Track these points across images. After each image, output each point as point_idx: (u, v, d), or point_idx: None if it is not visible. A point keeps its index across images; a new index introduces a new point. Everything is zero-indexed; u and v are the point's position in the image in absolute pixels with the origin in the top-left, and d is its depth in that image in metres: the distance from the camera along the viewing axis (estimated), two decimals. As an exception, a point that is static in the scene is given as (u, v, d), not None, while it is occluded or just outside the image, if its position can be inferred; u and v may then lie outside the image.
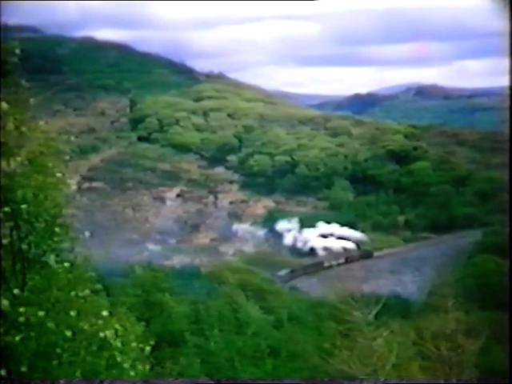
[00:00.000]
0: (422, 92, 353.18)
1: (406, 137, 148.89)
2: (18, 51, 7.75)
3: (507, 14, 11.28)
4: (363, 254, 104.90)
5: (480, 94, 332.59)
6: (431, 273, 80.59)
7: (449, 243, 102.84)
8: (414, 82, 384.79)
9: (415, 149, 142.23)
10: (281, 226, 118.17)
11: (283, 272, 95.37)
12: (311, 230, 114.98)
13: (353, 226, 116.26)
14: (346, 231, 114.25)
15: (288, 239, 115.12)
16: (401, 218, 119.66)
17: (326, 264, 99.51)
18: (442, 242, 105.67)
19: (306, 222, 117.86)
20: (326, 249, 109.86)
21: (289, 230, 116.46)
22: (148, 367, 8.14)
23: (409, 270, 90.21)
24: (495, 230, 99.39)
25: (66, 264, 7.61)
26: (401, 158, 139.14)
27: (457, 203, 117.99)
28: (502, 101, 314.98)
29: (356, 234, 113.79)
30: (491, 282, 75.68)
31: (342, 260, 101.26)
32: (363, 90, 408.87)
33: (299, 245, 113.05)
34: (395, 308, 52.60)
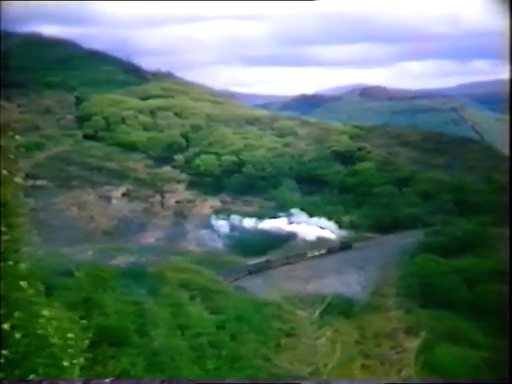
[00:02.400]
0: (366, 93, 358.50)
1: (350, 137, 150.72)
2: None
3: (507, 14, 11.37)
4: (342, 245, 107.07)
5: (422, 95, 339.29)
6: (375, 272, 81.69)
7: (392, 243, 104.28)
8: (359, 83, 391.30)
9: (360, 149, 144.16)
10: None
11: (257, 261, 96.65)
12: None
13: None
14: (322, 223, 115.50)
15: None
16: (346, 218, 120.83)
17: (309, 254, 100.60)
18: (385, 241, 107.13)
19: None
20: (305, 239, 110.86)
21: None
22: (88, 365, 8.12)
23: (353, 269, 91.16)
24: (437, 230, 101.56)
25: (10, 262, 7.59)
26: (346, 158, 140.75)
27: (400, 203, 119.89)
28: (442, 102, 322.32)
29: (331, 226, 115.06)
30: (432, 281, 77.39)
31: (323, 251, 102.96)
32: (309, 90, 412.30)
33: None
34: (339, 307, 53.20)
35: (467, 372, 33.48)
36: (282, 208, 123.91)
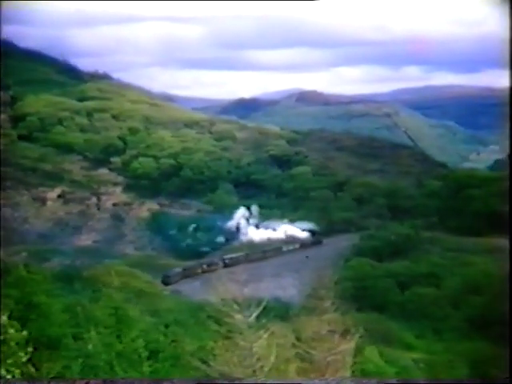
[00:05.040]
0: (303, 98, 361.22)
1: (288, 142, 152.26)
2: None
3: (507, 15, 11.38)
4: (314, 240, 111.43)
5: (356, 100, 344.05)
6: (311, 276, 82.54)
7: (328, 247, 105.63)
8: (296, 88, 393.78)
9: (296, 154, 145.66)
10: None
11: (235, 254, 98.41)
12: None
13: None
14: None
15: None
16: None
17: (284, 249, 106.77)
18: (321, 245, 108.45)
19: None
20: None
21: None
22: (24, 370, 8.11)
23: (289, 273, 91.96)
24: (371, 234, 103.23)
25: None
26: (283, 162, 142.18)
27: (335, 208, 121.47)
28: (376, 108, 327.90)
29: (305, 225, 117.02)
30: (367, 284, 78.72)
31: (297, 245, 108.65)
32: (247, 94, 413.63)
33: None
34: (275, 310, 53.63)
35: (399, 373, 34.33)
36: (219, 211, 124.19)
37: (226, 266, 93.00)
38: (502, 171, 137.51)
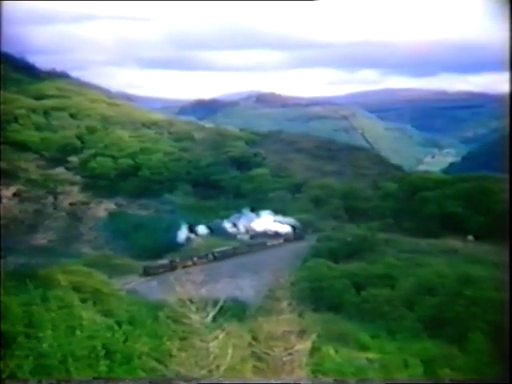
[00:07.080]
0: (261, 99, 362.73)
1: (246, 143, 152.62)
2: None
3: (507, 16, 11.33)
4: (296, 235, 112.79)
5: (314, 103, 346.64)
6: (268, 276, 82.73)
7: (286, 248, 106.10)
8: (254, 90, 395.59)
9: (255, 155, 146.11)
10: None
11: (223, 248, 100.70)
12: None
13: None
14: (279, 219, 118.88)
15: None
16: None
17: (269, 243, 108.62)
18: (279, 246, 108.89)
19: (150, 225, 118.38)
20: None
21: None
22: None
23: (247, 273, 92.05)
24: (328, 235, 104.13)
25: None
26: (241, 164, 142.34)
27: (293, 209, 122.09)
28: (334, 110, 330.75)
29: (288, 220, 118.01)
30: (323, 285, 79.26)
31: (281, 240, 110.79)
32: (205, 95, 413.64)
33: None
34: (232, 311, 53.64)
35: (354, 372, 34.68)
36: (178, 212, 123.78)
37: (215, 259, 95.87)
38: (456, 174, 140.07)
